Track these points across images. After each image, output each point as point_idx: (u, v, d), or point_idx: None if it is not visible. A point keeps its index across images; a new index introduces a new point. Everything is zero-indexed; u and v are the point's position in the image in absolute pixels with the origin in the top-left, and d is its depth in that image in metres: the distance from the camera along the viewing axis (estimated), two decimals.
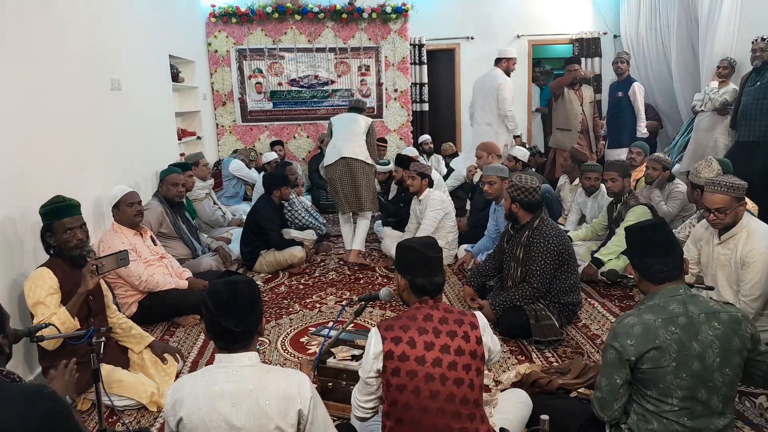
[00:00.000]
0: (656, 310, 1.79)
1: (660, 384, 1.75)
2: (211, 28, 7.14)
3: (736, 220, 2.69)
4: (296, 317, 3.71)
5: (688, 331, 1.75)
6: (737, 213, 2.67)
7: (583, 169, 4.73)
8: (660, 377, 1.75)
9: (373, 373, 1.77)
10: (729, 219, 2.67)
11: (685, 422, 1.75)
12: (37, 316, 2.49)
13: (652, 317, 1.77)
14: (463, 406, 1.71)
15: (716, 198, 2.66)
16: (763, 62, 4.83)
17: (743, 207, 2.69)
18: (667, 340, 1.73)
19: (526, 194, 3.19)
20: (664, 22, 6.64)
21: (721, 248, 2.78)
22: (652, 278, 1.86)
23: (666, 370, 1.73)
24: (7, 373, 1.65)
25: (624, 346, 1.76)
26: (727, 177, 2.71)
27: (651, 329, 1.75)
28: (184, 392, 1.57)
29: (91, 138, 3.68)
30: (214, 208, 5.43)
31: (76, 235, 2.66)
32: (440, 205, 4.56)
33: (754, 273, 2.61)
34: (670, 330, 1.74)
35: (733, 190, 2.63)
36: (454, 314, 1.81)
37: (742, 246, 2.66)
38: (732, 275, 2.73)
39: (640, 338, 1.75)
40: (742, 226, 2.69)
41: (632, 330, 1.77)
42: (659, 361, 1.73)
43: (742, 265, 2.66)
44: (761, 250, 2.60)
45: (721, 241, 2.77)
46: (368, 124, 4.78)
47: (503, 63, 6.05)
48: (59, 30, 3.36)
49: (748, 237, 2.66)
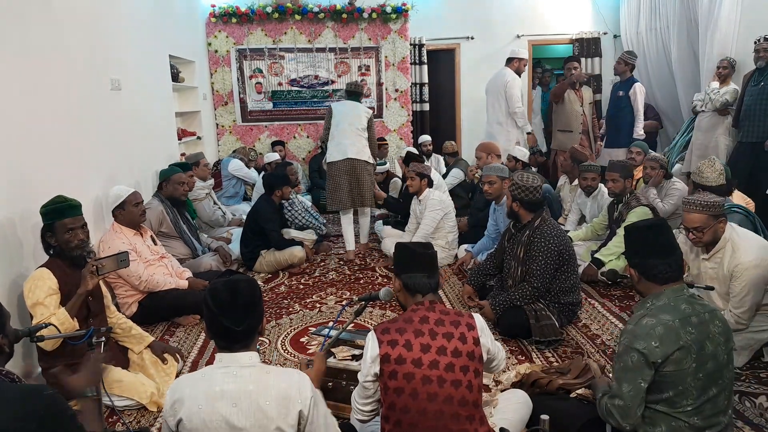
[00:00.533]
0: (669, 310, 1.77)
1: (680, 386, 1.73)
2: (211, 28, 7.14)
3: (716, 237, 2.65)
4: (296, 317, 3.71)
5: (701, 331, 1.74)
6: (716, 230, 2.63)
7: (581, 169, 4.73)
8: (681, 379, 1.72)
9: (370, 377, 1.77)
10: (708, 237, 2.63)
11: (695, 422, 1.74)
12: (36, 317, 2.48)
13: (669, 317, 1.74)
14: (462, 408, 1.71)
15: (693, 217, 2.62)
16: (766, 62, 4.83)
17: (722, 223, 2.64)
18: (689, 341, 1.71)
19: (528, 193, 3.19)
20: (664, 22, 6.64)
21: (708, 263, 2.75)
22: (655, 279, 1.84)
23: (687, 372, 1.71)
24: (7, 373, 1.65)
25: (649, 348, 1.72)
26: (703, 195, 2.66)
27: (672, 330, 1.72)
28: (183, 393, 1.57)
29: (91, 138, 3.68)
30: (214, 208, 5.43)
31: (77, 236, 2.66)
32: (439, 206, 4.56)
33: (741, 287, 2.59)
34: (688, 330, 1.72)
35: (709, 209, 2.58)
36: (450, 316, 1.80)
37: (728, 260, 2.64)
38: (723, 288, 2.72)
39: (665, 339, 1.71)
40: (726, 240, 2.65)
41: (654, 331, 1.73)
42: (682, 363, 1.71)
43: (731, 278, 2.63)
44: (747, 264, 2.57)
45: (708, 257, 2.74)
46: (369, 117, 4.84)
47: (514, 63, 6.06)
48: (59, 30, 3.36)
49: (733, 252, 2.62)
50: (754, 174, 4.82)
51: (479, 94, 7.92)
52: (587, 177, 4.57)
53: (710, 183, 3.24)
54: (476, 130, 7.85)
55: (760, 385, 2.61)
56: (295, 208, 5.32)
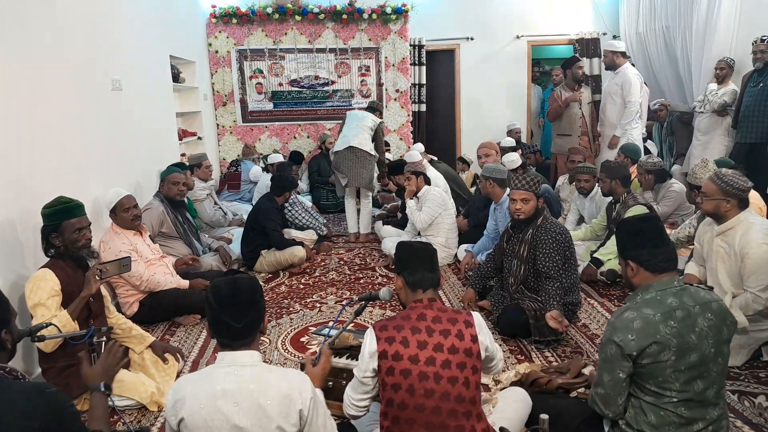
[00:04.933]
0: (654, 304, 1.80)
1: (659, 377, 1.76)
2: (212, 28, 7.15)
3: (718, 211, 2.76)
4: (296, 317, 3.72)
5: (686, 324, 1.76)
6: (719, 205, 2.74)
7: (576, 170, 4.73)
8: (659, 371, 1.76)
9: (369, 373, 1.78)
10: (708, 206, 2.79)
11: (682, 412, 1.77)
12: (36, 318, 2.48)
13: (650, 312, 1.77)
14: (459, 404, 1.72)
15: (707, 183, 2.80)
16: (764, 63, 4.83)
17: (729, 204, 2.73)
18: (667, 335, 1.74)
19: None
20: (663, 22, 6.64)
21: (720, 240, 2.81)
22: (653, 268, 1.85)
23: (666, 364, 1.74)
24: (10, 371, 1.65)
25: (625, 341, 1.76)
26: (733, 173, 2.78)
27: (651, 324, 1.75)
28: (185, 392, 1.57)
29: (92, 138, 3.68)
30: (215, 209, 5.44)
31: (85, 236, 2.69)
32: (439, 200, 4.57)
33: (752, 264, 2.65)
34: (670, 324, 1.75)
35: (723, 183, 2.71)
36: (447, 313, 1.82)
37: (739, 239, 2.70)
38: (732, 268, 2.76)
39: (641, 333, 1.75)
40: (739, 220, 2.73)
41: (632, 324, 1.77)
42: (659, 356, 1.74)
43: (742, 257, 2.69)
44: (757, 240, 2.64)
45: (718, 233, 2.81)
46: (376, 123, 5.47)
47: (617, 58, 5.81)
48: (60, 30, 3.37)
49: (745, 231, 2.70)
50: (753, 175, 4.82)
51: (479, 94, 7.99)
52: (581, 178, 4.58)
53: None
54: (476, 130, 7.88)
55: (760, 384, 2.62)
56: (295, 208, 5.33)
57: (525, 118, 8.14)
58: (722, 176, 2.73)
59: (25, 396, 1.23)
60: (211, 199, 5.46)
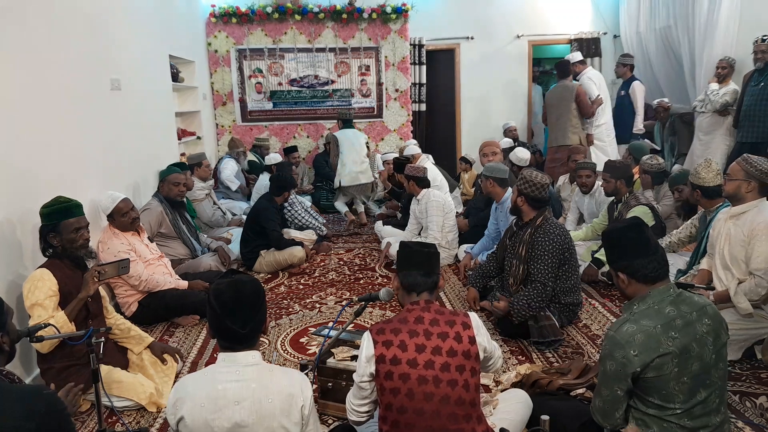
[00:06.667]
0: (652, 315, 1.75)
1: (663, 390, 1.72)
2: (211, 28, 7.14)
3: (738, 192, 2.80)
4: (296, 317, 3.71)
5: (686, 333, 1.72)
6: (739, 186, 2.78)
7: (576, 167, 4.73)
8: (663, 384, 1.71)
9: (366, 377, 1.77)
10: (730, 187, 2.83)
11: (685, 423, 1.74)
12: (33, 318, 2.48)
13: (650, 323, 1.72)
14: (459, 407, 1.71)
15: (733, 164, 2.86)
16: (765, 63, 4.82)
17: (750, 185, 2.77)
18: (670, 347, 1.69)
19: (534, 189, 3.16)
20: (663, 22, 6.64)
21: (732, 224, 2.83)
22: (645, 279, 1.79)
23: (669, 377, 1.70)
24: (7, 374, 1.65)
25: (627, 357, 1.70)
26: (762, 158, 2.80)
27: (653, 337, 1.70)
28: (186, 391, 1.57)
29: (91, 138, 3.67)
30: (214, 209, 5.43)
31: (83, 235, 2.68)
32: (441, 206, 4.55)
33: (760, 245, 2.66)
34: (671, 336, 1.71)
35: (749, 165, 2.75)
36: (445, 315, 1.80)
37: (750, 221, 2.74)
38: (739, 251, 2.77)
39: (643, 347, 1.69)
40: (754, 206, 2.77)
41: (634, 339, 1.71)
42: (663, 368, 1.69)
43: (750, 239, 2.70)
44: (767, 221, 2.66)
45: (732, 215, 2.84)
46: (365, 139, 6.22)
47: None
48: (59, 30, 3.36)
49: (758, 213, 2.74)
50: None
51: (479, 93, 7.98)
52: (582, 174, 4.56)
53: (708, 183, 3.25)
54: (476, 130, 7.87)
55: (761, 385, 2.61)
56: (294, 209, 5.32)
57: (525, 118, 8.14)
58: (749, 158, 2.79)
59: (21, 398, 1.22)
60: (210, 199, 5.44)
